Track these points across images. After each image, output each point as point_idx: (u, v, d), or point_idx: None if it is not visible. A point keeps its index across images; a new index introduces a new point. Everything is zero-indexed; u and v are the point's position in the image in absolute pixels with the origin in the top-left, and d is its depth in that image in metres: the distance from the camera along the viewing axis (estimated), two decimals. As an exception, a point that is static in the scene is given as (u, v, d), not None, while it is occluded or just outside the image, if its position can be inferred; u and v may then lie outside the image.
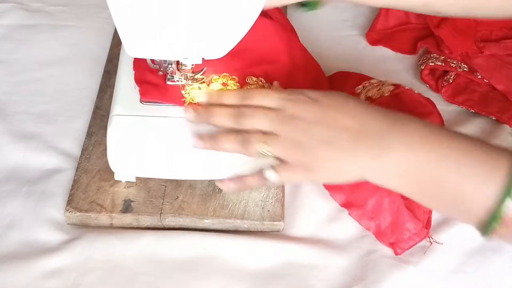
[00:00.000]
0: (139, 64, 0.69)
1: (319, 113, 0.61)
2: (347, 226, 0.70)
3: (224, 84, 0.68)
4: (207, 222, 0.70)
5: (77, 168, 0.73)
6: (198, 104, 0.66)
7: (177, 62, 0.67)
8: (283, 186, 0.72)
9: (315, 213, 0.71)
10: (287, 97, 0.63)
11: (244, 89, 0.67)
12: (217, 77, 0.69)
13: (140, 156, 0.67)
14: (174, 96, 0.67)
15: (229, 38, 0.62)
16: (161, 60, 0.67)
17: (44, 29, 0.90)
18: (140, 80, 0.68)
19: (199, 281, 0.66)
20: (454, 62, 0.83)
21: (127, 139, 0.66)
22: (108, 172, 0.71)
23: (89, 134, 0.76)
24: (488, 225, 0.54)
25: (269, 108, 0.62)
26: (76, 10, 0.93)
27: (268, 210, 0.70)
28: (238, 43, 0.66)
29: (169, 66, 0.67)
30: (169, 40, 0.61)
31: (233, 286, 0.66)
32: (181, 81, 0.67)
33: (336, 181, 0.64)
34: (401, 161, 0.57)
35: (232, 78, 0.69)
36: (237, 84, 0.68)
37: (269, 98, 0.63)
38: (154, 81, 0.68)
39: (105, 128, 0.69)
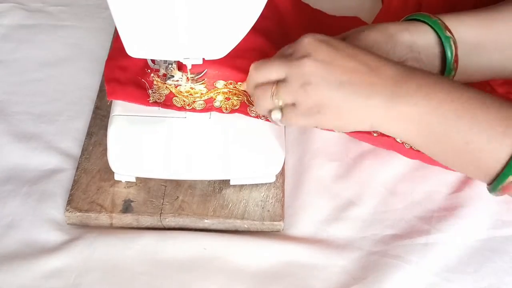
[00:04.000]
0: (110, 62, 0.70)
1: (328, 55, 0.58)
2: (347, 226, 0.70)
3: (227, 98, 0.68)
4: (207, 222, 0.70)
5: (77, 168, 0.73)
6: (165, 104, 0.66)
7: (178, 62, 0.67)
8: (283, 186, 0.72)
9: (315, 213, 0.71)
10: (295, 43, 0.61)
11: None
12: (224, 83, 0.68)
13: (141, 156, 0.67)
14: (140, 96, 0.67)
15: (229, 38, 0.62)
16: (161, 60, 0.67)
17: (44, 29, 0.90)
18: (109, 78, 0.68)
19: (199, 281, 0.66)
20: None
21: (127, 139, 0.66)
22: (108, 172, 0.71)
23: (89, 134, 0.76)
24: (498, 181, 0.56)
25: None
26: (76, 10, 0.93)
27: (268, 210, 0.70)
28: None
29: (169, 66, 0.67)
30: (169, 40, 0.61)
31: (233, 286, 0.66)
32: (181, 81, 0.67)
33: (343, 128, 0.61)
34: (418, 109, 0.57)
35: (235, 94, 0.68)
36: (240, 99, 0.68)
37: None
38: (123, 78, 0.68)
39: (105, 128, 0.69)
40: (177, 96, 0.67)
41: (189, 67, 0.66)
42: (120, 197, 0.70)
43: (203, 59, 0.64)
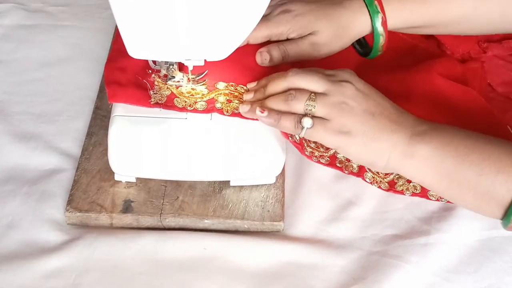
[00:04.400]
0: (110, 64, 0.69)
1: (366, 89, 0.64)
2: (347, 226, 0.70)
3: (229, 101, 0.67)
4: (207, 222, 0.70)
5: (77, 168, 0.73)
6: (166, 105, 0.67)
7: (179, 63, 0.67)
8: (283, 187, 0.72)
9: (315, 213, 0.71)
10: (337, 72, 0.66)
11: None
12: (225, 85, 0.68)
13: (141, 157, 0.67)
14: (141, 98, 0.67)
15: (231, 40, 0.62)
16: (162, 61, 0.67)
17: (44, 29, 0.90)
18: (109, 81, 0.68)
19: (199, 281, 0.66)
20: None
21: (128, 140, 0.66)
22: (108, 172, 0.71)
23: (89, 134, 0.76)
24: (509, 216, 0.59)
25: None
26: (76, 10, 0.94)
27: (268, 210, 0.70)
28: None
29: (170, 66, 0.67)
30: (171, 42, 0.61)
31: (233, 286, 0.66)
32: (182, 81, 0.67)
33: (361, 158, 0.64)
34: (432, 146, 0.61)
35: (236, 96, 0.68)
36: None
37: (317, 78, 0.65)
38: (123, 80, 0.68)
39: (105, 128, 0.69)
40: (178, 97, 0.67)
41: (190, 68, 0.66)
42: (120, 197, 0.70)
43: (205, 60, 0.64)
